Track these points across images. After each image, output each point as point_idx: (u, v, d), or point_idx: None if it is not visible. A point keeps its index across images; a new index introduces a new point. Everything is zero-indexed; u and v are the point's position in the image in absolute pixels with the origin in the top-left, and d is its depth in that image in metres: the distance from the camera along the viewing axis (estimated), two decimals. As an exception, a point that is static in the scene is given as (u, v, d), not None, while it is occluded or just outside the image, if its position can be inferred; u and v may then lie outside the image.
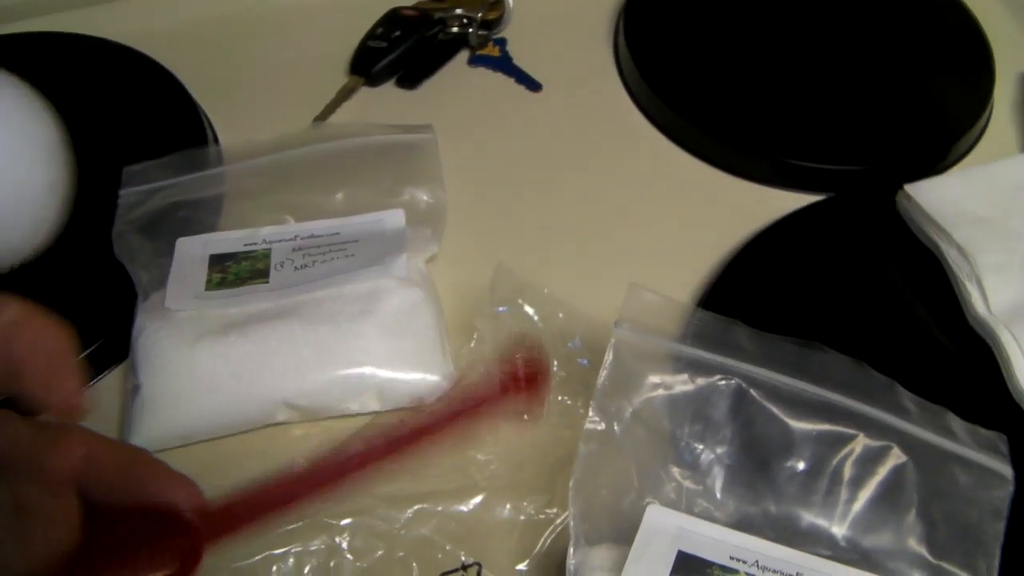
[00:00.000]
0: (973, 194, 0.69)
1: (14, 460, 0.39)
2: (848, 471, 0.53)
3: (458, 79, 0.86)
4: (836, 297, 0.68)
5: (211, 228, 0.69)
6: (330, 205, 0.71)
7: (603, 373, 0.55)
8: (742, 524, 0.54)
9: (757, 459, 0.55)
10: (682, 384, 0.55)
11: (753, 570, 0.51)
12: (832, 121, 0.79)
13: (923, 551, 0.52)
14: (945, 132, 0.78)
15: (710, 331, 0.56)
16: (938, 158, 0.77)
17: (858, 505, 0.53)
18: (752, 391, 0.55)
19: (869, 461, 0.53)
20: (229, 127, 0.80)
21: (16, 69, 0.80)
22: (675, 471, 0.55)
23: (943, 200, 0.69)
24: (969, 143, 0.79)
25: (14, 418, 0.41)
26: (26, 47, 0.84)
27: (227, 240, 0.68)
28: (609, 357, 0.55)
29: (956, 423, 0.54)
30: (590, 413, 0.55)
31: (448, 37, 0.87)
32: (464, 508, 0.59)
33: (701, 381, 0.55)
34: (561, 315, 0.64)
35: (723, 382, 0.55)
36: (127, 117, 0.78)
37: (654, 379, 0.56)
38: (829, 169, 0.76)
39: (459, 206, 0.73)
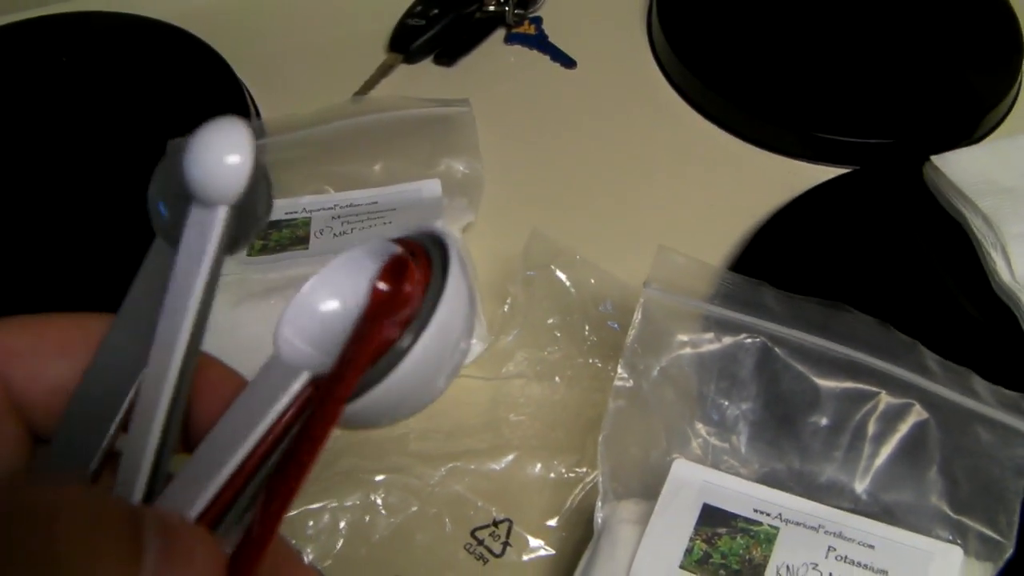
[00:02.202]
0: (999, 165, 0.70)
1: None
2: (871, 428, 0.54)
3: (494, 56, 0.87)
4: (863, 267, 0.69)
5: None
6: (369, 176, 0.72)
7: (632, 332, 0.56)
8: (766, 479, 0.55)
9: (781, 416, 0.55)
10: (709, 343, 0.56)
11: (776, 522, 0.52)
12: (861, 95, 0.79)
13: (944, 506, 0.52)
14: (974, 106, 0.79)
15: (737, 292, 0.57)
16: (967, 132, 0.78)
17: (880, 461, 0.54)
18: (777, 349, 0.55)
19: (891, 418, 0.54)
20: (271, 103, 0.82)
21: (62, 48, 0.82)
22: (701, 427, 0.56)
23: (969, 171, 0.70)
24: (998, 117, 0.80)
25: None
26: (72, 26, 0.86)
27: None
28: (638, 316, 0.56)
29: (979, 383, 0.54)
30: (619, 370, 0.56)
31: (485, 15, 0.88)
32: (496, 466, 0.61)
33: (727, 340, 0.56)
34: (593, 280, 0.65)
35: (749, 341, 0.56)
36: (171, 93, 0.80)
37: (682, 338, 0.57)
38: (858, 142, 0.77)
39: (495, 178, 0.74)
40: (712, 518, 0.53)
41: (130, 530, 0.26)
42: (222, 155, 0.30)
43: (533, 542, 0.58)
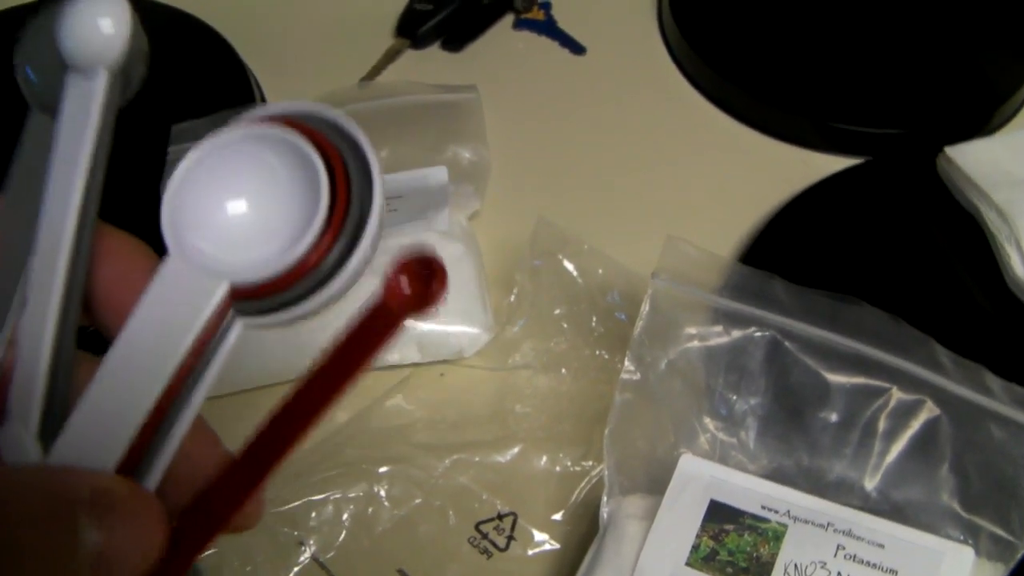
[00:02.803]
0: (1014, 157, 0.69)
1: None
2: (881, 424, 0.53)
3: (502, 42, 0.86)
4: (876, 258, 0.68)
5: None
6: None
7: (639, 324, 0.56)
8: (775, 475, 0.54)
9: (790, 410, 0.55)
10: (717, 335, 0.56)
11: (784, 519, 0.52)
12: (875, 84, 0.78)
13: (955, 505, 0.52)
14: (989, 97, 0.78)
15: (746, 284, 0.56)
16: (981, 123, 0.77)
17: (890, 458, 0.53)
18: (787, 343, 0.55)
19: (903, 414, 0.53)
20: (276, 87, 0.81)
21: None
22: (709, 422, 0.56)
23: (983, 163, 0.69)
24: (1013, 108, 0.79)
25: None
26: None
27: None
28: (646, 308, 0.56)
29: (992, 380, 0.54)
30: (626, 363, 0.55)
31: (493, 1, 0.87)
32: (501, 459, 0.60)
33: (736, 333, 0.56)
34: (600, 270, 0.64)
35: (758, 334, 0.55)
36: (176, 77, 0.79)
37: (690, 330, 0.56)
38: (871, 132, 0.76)
39: (502, 165, 0.74)
40: (719, 514, 0.52)
41: (66, 506, 0.26)
42: (98, 18, 0.30)
43: (538, 536, 0.57)
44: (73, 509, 0.26)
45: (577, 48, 0.85)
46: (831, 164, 0.75)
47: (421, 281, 0.25)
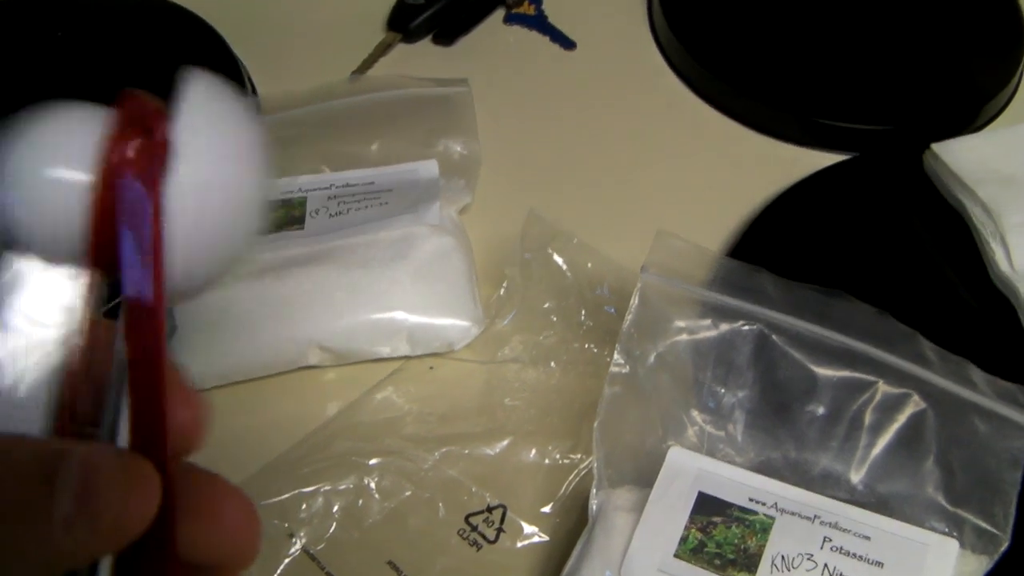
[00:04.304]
0: (1000, 154, 0.69)
1: None
2: (868, 417, 0.54)
3: (493, 36, 0.86)
4: (862, 255, 0.69)
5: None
6: (365, 155, 0.72)
7: (628, 317, 0.56)
8: (762, 468, 0.54)
9: (778, 404, 0.55)
10: (706, 329, 0.56)
11: (772, 512, 0.52)
12: (862, 81, 0.79)
13: (940, 498, 0.52)
14: (975, 94, 0.78)
15: (735, 278, 0.57)
16: (967, 120, 0.78)
17: (877, 451, 0.53)
18: (774, 337, 0.55)
19: (889, 408, 0.54)
20: (268, 81, 0.81)
21: (56, 24, 0.81)
22: (697, 415, 0.56)
23: (969, 159, 0.69)
24: (999, 105, 0.79)
25: None
26: (67, 2, 0.85)
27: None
28: (635, 301, 0.56)
29: (977, 374, 0.54)
30: (615, 356, 0.56)
31: (484, -5, 0.88)
32: (491, 451, 0.60)
33: (725, 326, 0.56)
34: (590, 264, 0.65)
35: (746, 327, 0.56)
36: (167, 69, 0.79)
37: (679, 324, 0.56)
38: (858, 128, 0.76)
39: (492, 159, 0.74)
40: (707, 507, 0.53)
41: (41, 472, 0.25)
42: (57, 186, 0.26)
43: (527, 528, 0.58)
44: (51, 471, 0.25)
45: (567, 43, 0.85)
46: (819, 160, 0.75)
47: (140, 137, 0.25)
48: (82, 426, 0.29)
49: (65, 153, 0.27)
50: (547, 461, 0.60)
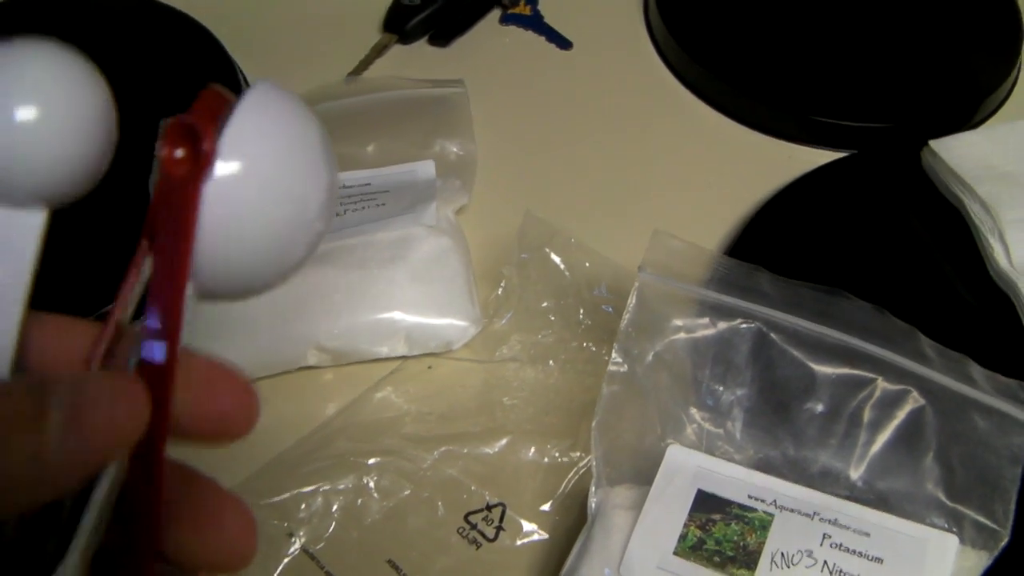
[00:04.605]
0: (998, 150, 0.70)
1: None
2: (867, 414, 0.54)
3: (489, 37, 0.86)
4: (860, 252, 0.69)
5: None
6: (362, 157, 0.72)
7: (626, 316, 0.56)
8: (761, 466, 0.54)
9: (776, 402, 0.55)
10: (704, 328, 0.56)
11: (771, 509, 0.52)
12: (859, 78, 0.79)
13: (940, 494, 0.52)
14: (973, 91, 0.78)
15: (733, 276, 0.56)
16: (965, 117, 0.78)
17: (876, 448, 0.53)
18: (773, 335, 0.55)
19: (888, 405, 0.54)
20: (263, 83, 0.81)
21: (49, 27, 0.81)
22: (696, 413, 0.56)
23: (967, 156, 0.69)
24: (997, 102, 0.79)
25: None
26: (60, 4, 0.85)
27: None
28: (633, 300, 0.56)
29: (976, 370, 0.54)
30: (613, 355, 0.56)
31: (480, -4, 0.88)
32: (490, 450, 0.60)
33: (723, 325, 0.56)
34: (587, 263, 0.65)
35: (744, 326, 0.56)
36: (163, 71, 0.79)
37: (677, 322, 0.56)
38: (856, 126, 0.76)
39: (489, 160, 0.74)
40: (706, 504, 0.53)
41: (31, 399, 0.25)
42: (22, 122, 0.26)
43: (527, 527, 0.58)
44: (41, 395, 0.26)
45: (564, 43, 0.85)
46: (816, 157, 0.75)
47: (189, 143, 0.25)
48: None
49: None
50: (546, 459, 0.60)
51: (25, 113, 0.26)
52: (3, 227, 0.27)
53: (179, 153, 0.25)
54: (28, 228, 0.27)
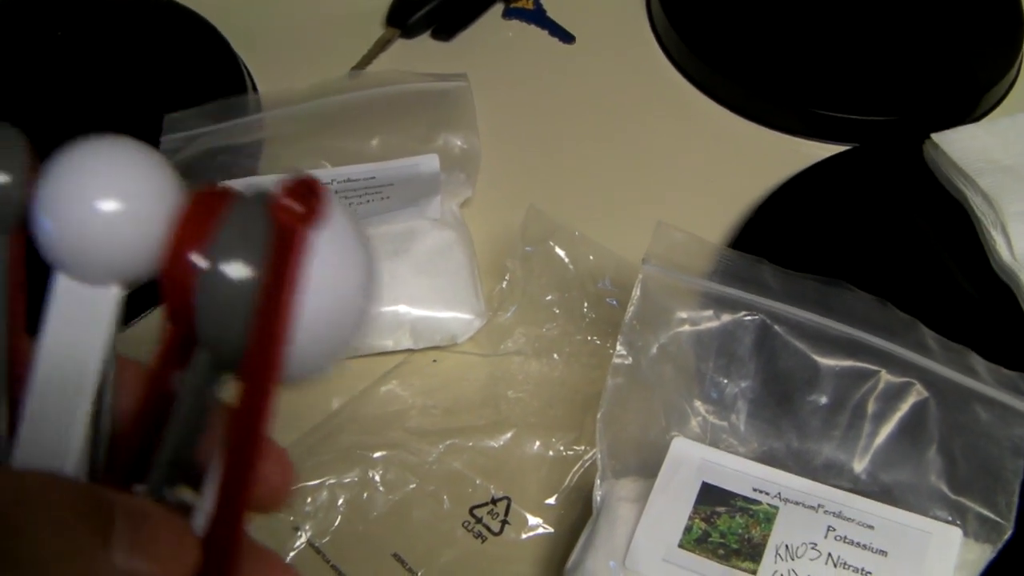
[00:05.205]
0: (1000, 143, 0.70)
1: None
2: (870, 406, 0.54)
3: (492, 31, 0.86)
4: (863, 245, 0.69)
5: (250, 173, 0.71)
6: (366, 151, 0.72)
7: (630, 309, 0.56)
8: (765, 458, 0.55)
9: (780, 394, 0.55)
10: (708, 320, 0.56)
11: (775, 501, 0.52)
12: (862, 71, 0.79)
13: (943, 486, 0.52)
14: (975, 84, 0.79)
15: (736, 269, 0.57)
16: (967, 110, 0.78)
17: (879, 440, 0.54)
18: (776, 327, 0.55)
19: (891, 397, 0.54)
20: (268, 77, 0.81)
21: (56, 23, 0.81)
22: (700, 405, 0.56)
23: (969, 149, 0.69)
24: (999, 95, 0.79)
25: None
26: (67, 1, 0.85)
27: (265, 184, 0.69)
28: (637, 293, 0.56)
29: (978, 362, 0.54)
30: (618, 347, 0.56)
31: (483, -10, 0.88)
32: (494, 444, 0.60)
33: (726, 317, 0.56)
34: (591, 257, 0.65)
35: (748, 318, 0.56)
36: (168, 67, 0.80)
37: (681, 315, 0.57)
38: (858, 119, 0.76)
39: (493, 153, 0.74)
40: (711, 497, 0.53)
41: (99, 512, 0.26)
42: (105, 212, 0.27)
43: (532, 520, 0.58)
44: (106, 520, 0.25)
45: (566, 37, 0.85)
46: (819, 151, 0.75)
47: (305, 198, 0.26)
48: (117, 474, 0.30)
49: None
50: (551, 453, 0.60)
51: (105, 205, 0.27)
52: (84, 302, 0.28)
53: (293, 203, 0.26)
54: (105, 302, 0.29)
